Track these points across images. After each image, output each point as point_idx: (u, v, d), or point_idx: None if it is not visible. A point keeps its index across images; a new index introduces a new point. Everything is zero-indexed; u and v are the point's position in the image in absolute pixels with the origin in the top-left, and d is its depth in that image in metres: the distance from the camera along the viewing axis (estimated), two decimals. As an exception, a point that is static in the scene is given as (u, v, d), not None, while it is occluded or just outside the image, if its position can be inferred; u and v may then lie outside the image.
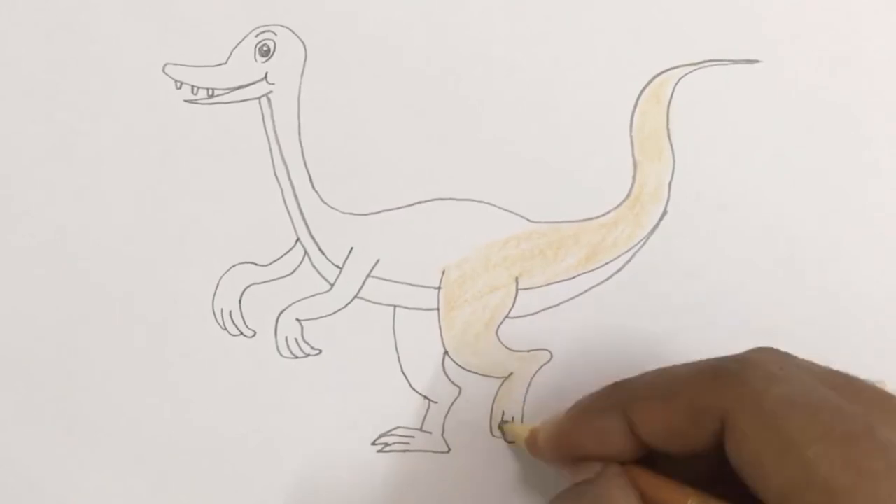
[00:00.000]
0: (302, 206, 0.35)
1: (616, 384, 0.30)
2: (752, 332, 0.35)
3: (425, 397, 0.35)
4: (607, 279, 0.35)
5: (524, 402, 0.35)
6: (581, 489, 0.29)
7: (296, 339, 0.35)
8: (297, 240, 0.35)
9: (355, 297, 0.35)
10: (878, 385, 0.32)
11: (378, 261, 0.35)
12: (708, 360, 0.28)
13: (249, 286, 0.35)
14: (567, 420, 0.31)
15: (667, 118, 0.35)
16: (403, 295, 0.35)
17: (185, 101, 0.35)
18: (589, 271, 0.35)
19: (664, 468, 0.29)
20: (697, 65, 0.35)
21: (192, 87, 0.35)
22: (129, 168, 0.35)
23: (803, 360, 0.28)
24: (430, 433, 0.35)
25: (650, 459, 0.29)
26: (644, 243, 0.35)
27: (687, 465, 0.28)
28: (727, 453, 0.26)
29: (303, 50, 0.35)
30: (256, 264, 0.35)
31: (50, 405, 0.35)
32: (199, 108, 0.35)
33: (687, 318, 0.35)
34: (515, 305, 0.35)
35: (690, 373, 0.28)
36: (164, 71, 0.35)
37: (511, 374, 0.35)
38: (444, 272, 0.35)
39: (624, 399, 0.29)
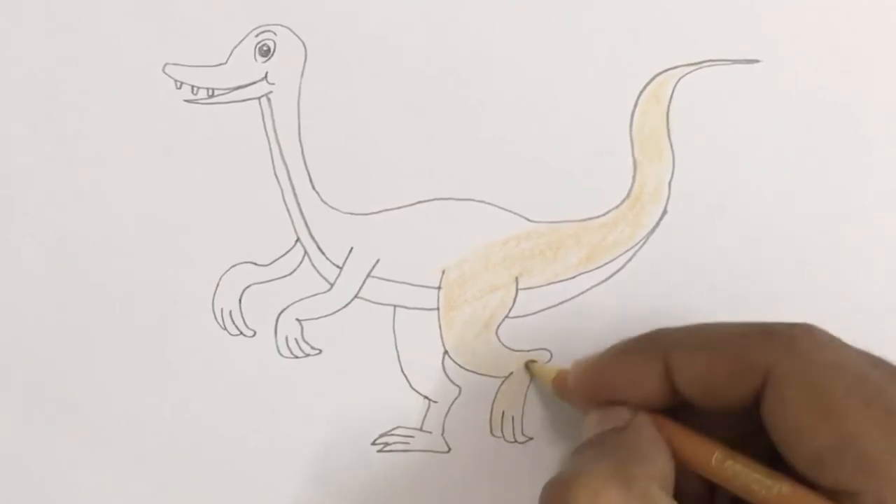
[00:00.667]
0: (302, 206, 0.35)
1: (659, 330, 0.29)
2: (752, 332, 0.35)
3: (425, 397, 0.35)
4: (607, 279, 0.35)
5: (524, 402, 0.35)
6: (610, 437, 0.28)
7: (296, 339, 0.35)
8: (297, 240, 0.35)
9: (355, 297, 0.35)
10: None
11: (378, 261, 0.35)
12: (756, 322, 0.28)
13: (249, 286, 0.35)
14: (603, 359, 0.30)
15: (667, 118, 0.35)
16: (403, 295, 0.35)
17: (185, 101, 0.35)
18: (589, 271, 0.35)
19: (690, 423, 0.29)
20: (697, 65, 0.35)
21: (192, 87, 0.35)
22: (129, 168, 0.35)
23: (843, 341, 0.28)
24: (430, 433, 0.35)
25: (676, 414, 0.29)
26: (644, 243, 0.35)
27: (713, 422, 0.28)
28: (763, 412, 0.26)
29: (303, 50, 0.35)
30: (256, 264, 0.35)
31: (50, 405, 0.35)
32: (199, 108, 0.35)
33: (687, 317, 0.35)
34: (515, 305, 0.35)
35: (739, 329, 0.28)
36: (164, 71, 0.35)
37: (511, 374, 0.35)
38: (444, 272, 0.35)
39: (666, 345, 0.28)
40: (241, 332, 0.35)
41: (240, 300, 0.35)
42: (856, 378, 0.25)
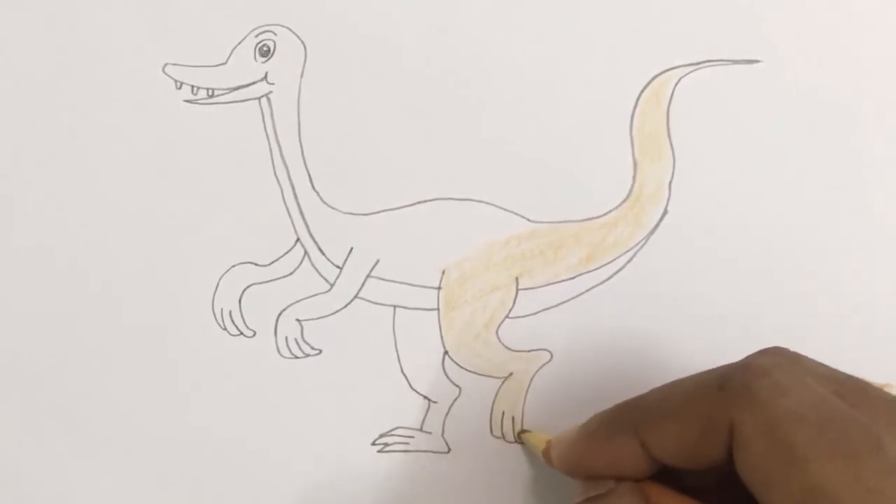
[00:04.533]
0: (302, 206, 0.35)
1: (626, 404, 0.30)
2: (752, 332, 0.35)
3: (425, 397, 0.35)
4: (608, 279, 0.35)
5: (524, 402, 0.35)
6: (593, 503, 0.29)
7: (296, 339, 0.35)
8: (297, 240, 0.35)
9: (355, 297, 0.35)
10: (886, 388, 0.32)
11: (378, 261, 0.35)
12: (714, 371, 0.28)
13: (249, 286, 0.35)
14: (578, 442, 0.30)
15: (667, 118, 0.35)
16: (403, 295, 0.35)
17: (185, 101, 0.35)
18: (589, 271, 0.35)
19: (678, 480, 0.29)
20: (697, 65, 0.35)
21: (192, 87, 0.35)
22: (129, 168, 0.35)
23: (812, 363, 0.28)
24: (430, 433, 0.35)
25: (663, 472, 0.29)
26: (644, 243, 0.35)
27: (701, 476, 0.28)
28: (736, 465, 0.26)
29: (303, 50, 0.35)
30: (256, 264, 0.35)
31: (50, 405, 0.35)
32: (199, 108, 0.35)
33: (687, 318, 0.35)
34: (515, 305, 0.35)
35: (695, 386, 0.27)
36: (164, 71, 0.35)
37: (511, 374, 0.35)
38: (444, 272, 0.35)
39: (635, 419, 0.28)
40: (241, 332, 0.35)
41: (240, 300, 0.35)
42: (818, 422, 0.24)
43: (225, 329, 0.35)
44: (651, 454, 0.28)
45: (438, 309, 0.35)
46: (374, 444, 0.35)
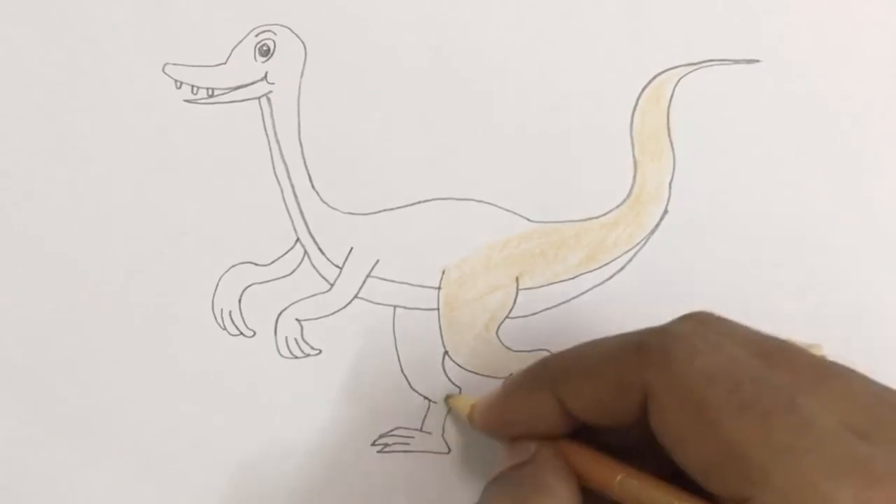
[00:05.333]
0: (302, 206, 0.35)
1: (544, 360, 0.30)
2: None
3: (425, 397, 0.35)
4: (608, 279, 0.35)
5: (524, 402, 0.35)
6: (515, 474, 0.29)
7: (296, 339, 0.35)
8: (297, 240, 0.35)
9: (355, 297, 0.35)
10: (813, 349, 0.32)
11: (378, 261, 0.35)
12: (633, 333, 0.28)
13: (249, 286, 0.35)
14: (498, 399, 0.31)
15: (667, 118, 0.35)
16: (403, 295, 0.35)
17: (185, 101, 0.35)
18: (590, 271, 0.35)
19: (600, 438, 0.29)
20: (697, 65, 0.35)
21: (192, 87, 0.35)
22: (128, 168, 0.35)
23: (735, 326, 0.28)
24: (430, 433, 0.35)
25: (584, 432, 0.29)
26: (645, 243, 0.35)
27: (623, 433, 0.28)
28: (650, 425, 0.26)
29: (303, 50, 0.35)
30: (256, 264, 0.35)
31: (49, 406, 0.35)
32: (199, 108, 0.35)
33: (687, 318, 0.35)
34: (516, 306, 0.35)
35: (614, 347, 0.27)
36: (164, 71, 0.35)
37: (511, 374, 0.35)
38: (444, 272, 0.35)
39: (552, 376, 0.29)
40: (241, 332, 0.35)
41: (240, 300, 0.35)
42: (731, 382, 0.24)
43: (225, 329, 0.35)
44: (568, 411, 0.28)
45: (438, 309, 0.35)
46: (374, 444, 0.35)
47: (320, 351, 0.35)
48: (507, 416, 0.30)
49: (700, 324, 0.27)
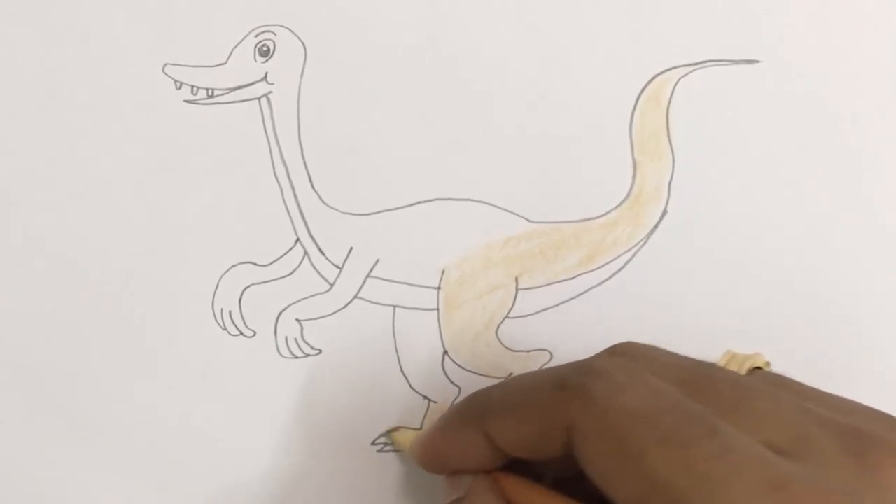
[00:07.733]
0: (302, 206, 0.35)
1: (474, 395, 0.30)
2: (751, 332, 0.35)
3: (425, 397, 0.35)
4: (608, 279, 0.35)
5: (524, 402, 0.35)
6: None
7: (296, 339, 0.35)
8: (297, 240, 0.35)
9: (355, 297, 0.35)
10: (755, 358, 0.32)
11: (378, 261, 0.35)
12: (557, 369, 0.28)
13: (249, 286, 0.35)
14: (432, 435, 0.31)
15: (667, 118, 0.35)
16: (403, 295, 0.35)
17: (185, 101, 0.35)
18: (589, 271, 0.35)
19: (536, 468, 0.29)
20: (697, 65, 0.35)
21: (192, 87, 0.35)
22: (128, 168, 0.35)
23: (659, 354, 0.28)
24: (430, 433, 0.35)
25: (522, 461, 0.29)
26: (644, 243, 0.35)
27: (558, 463, 0.28)
28: (578, 462, 0.26)
29: (303, 50, 0.35)
30: (256, 264, 0.35)
31: (50, 405, 0.35)
32: (199, 108, 0.35)
33: (687, 318, 0.35)
34: (515, 305, 0.35)
35: (539, 384, 0.28)
36: (164, 71, 0.35)
37: (511, 374, 0.35)
38: (444, 272, 0.35)
39: (480, 413, 0.29)
40: (241, 332, 0.35)
41: (240, 300, 0.35)
42: (651, 415, 0.25)
43: (225, 329, 0.35)
44: (497, 446, 0.28)
45: (438, 309, 0.35)
46: (374, 444, 0.35)
47: (320, 351, 0.35)
48: (440, 452, 0.30)
49: (622, 356, 0.28)
